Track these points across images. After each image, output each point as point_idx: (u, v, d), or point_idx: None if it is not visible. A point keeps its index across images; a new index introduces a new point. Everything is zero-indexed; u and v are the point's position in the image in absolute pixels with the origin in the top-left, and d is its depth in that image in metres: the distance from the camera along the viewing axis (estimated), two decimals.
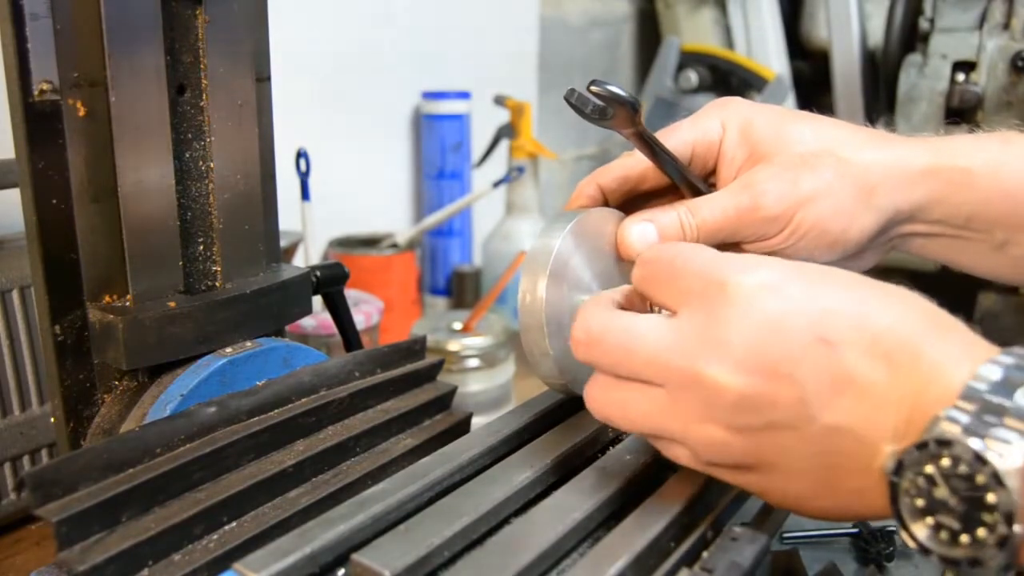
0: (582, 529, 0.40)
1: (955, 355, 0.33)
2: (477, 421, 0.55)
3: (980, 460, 0.30)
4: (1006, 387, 0.31)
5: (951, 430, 0.31)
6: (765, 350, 0.35)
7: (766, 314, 0.35)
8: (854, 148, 0.49)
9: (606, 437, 0.49)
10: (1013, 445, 0.30)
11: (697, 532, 0.40)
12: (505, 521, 0.41)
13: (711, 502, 0.42)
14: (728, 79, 1.49)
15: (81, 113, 0.46)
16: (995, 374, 0.32)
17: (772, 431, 0.35)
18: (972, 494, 0.30)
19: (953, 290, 0.95)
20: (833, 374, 0.34)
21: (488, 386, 0.90)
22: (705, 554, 0.39)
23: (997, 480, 0.30)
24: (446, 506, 0.40)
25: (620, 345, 0.38)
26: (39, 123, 0.45)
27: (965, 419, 0.31)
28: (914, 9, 1.21)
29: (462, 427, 0.56)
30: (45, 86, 0.45)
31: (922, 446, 0.31)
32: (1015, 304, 0.92)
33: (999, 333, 0.86)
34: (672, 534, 0.39)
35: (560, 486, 0.43)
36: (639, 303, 0.42)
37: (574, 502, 0.40)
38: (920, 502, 0.32)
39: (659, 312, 0.39)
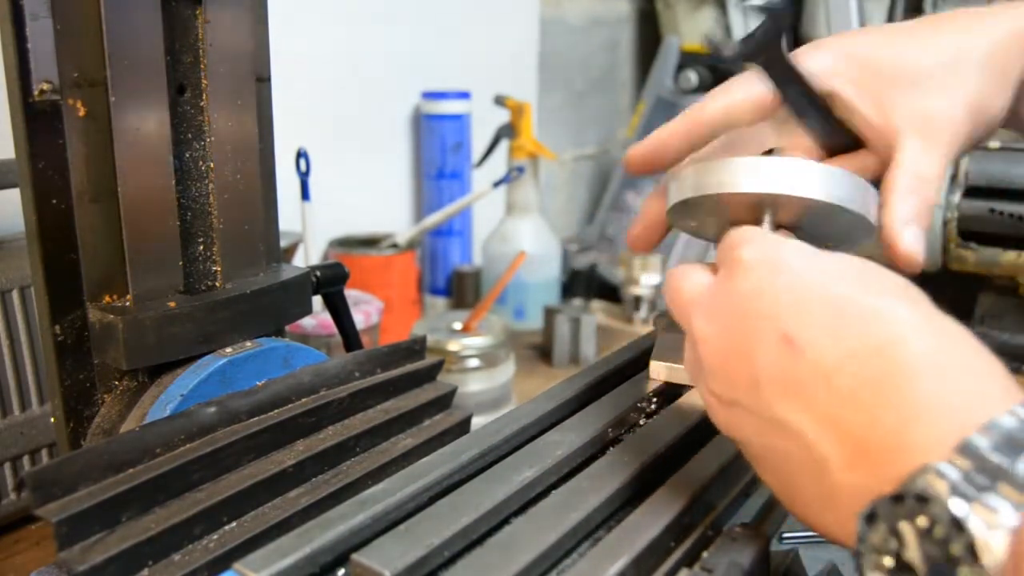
0: (582, 529, 0.40)
1: (958, 401, 0.29)
2: (477, 421, 0.55)
3: (958, 526, 0.26)
4: (1012, 446, 0.27)
5: (936, 486, 0.27)
6: (734, 324, 0.36)
7: (746, 290, 0.36)
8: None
9: (606, 437, 0.49)
10: (1000, 514, 0.26)
11: (697, 532, 0.40)
12: (505, 521, 0.41)
13: (711, 502, 0.42)
14: (728, 79, 1.48)
15: (81, 113, 0.46)
16: (1008, 424, 0.27)
17: (737, 408, 0.36)
18: (942, 565, 0.26)
19: (953, 290, 0.95)
20: (787, 376, 0.33)
21: (488, 386, 0.90)
22: (705, 554, 0.39)
23: (971, 554, 0.25)
24: (446, 506, 0.40)
25: (671, 289, 0.42)
26: (39, 123, 0.45)
27: (955, 475, 0.27)
28: (914, 9, 1.21)
29: (462, 427, 0.56)
30: (45, 86, 0.45)
31: (898, 498, 0.27)
32: (1016, 304, 0.92)
33: (999, 333, 0.86)
34: (672, 534, 0.39)
35: (560, 486, 0.43)
36: None
37: (574, 502, 0.40)
38: (887, 560, 0.28)
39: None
